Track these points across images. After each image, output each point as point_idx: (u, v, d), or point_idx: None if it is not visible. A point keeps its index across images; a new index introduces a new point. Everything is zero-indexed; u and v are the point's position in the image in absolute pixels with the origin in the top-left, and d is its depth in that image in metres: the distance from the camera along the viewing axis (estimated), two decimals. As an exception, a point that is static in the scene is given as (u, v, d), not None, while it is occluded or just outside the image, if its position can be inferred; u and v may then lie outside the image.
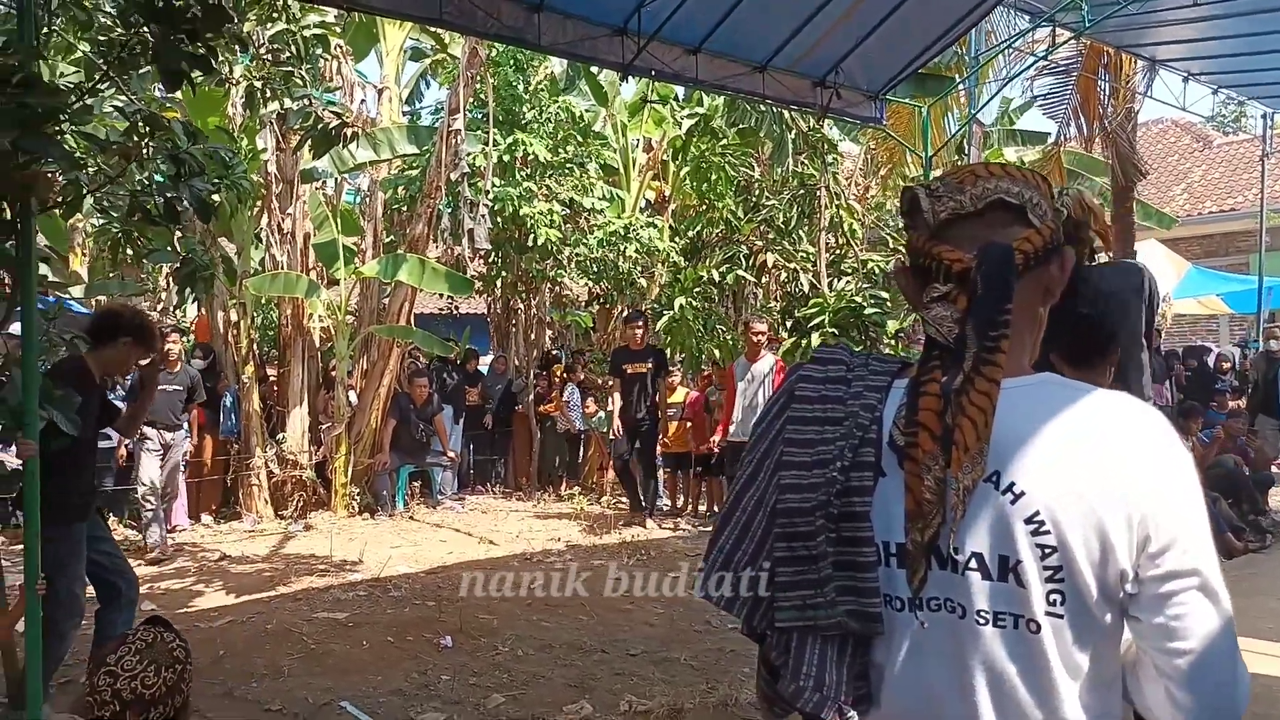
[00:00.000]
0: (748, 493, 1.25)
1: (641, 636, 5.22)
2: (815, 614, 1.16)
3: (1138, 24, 8.97)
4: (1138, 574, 1.06)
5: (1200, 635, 1.06)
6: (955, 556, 1.11)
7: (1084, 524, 1.06)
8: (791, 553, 1.18)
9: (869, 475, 1.16)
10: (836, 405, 1.21)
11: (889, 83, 7.98)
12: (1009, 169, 1.19)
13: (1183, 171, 22.32)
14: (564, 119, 11.51)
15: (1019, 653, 1.09)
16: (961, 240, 1.15)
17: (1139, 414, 1.10)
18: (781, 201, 11.84)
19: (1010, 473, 1.09)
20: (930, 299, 1.16)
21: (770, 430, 1.25)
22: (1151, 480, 1.06)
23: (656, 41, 6.63)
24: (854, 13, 6.84)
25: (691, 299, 11.12)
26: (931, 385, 1.13)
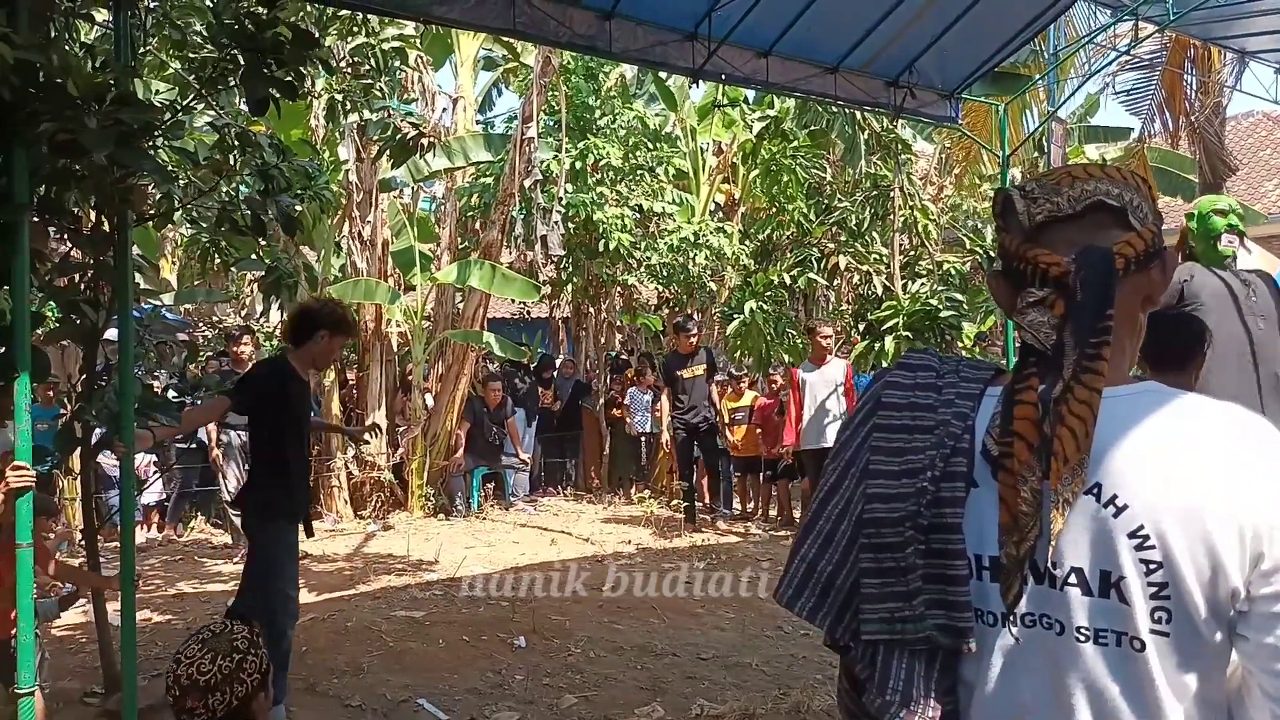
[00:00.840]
0: (831, 501, 1.22)
1: (712, 641, 5.22)
2: (904, 627, 1.13)
3: (1225, 15, 8.64)
4: (1249, 591, 1.01)
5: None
6: (1053, 571, 1.07)
7: (1191, 539, 1.01)
8: (879, 564, 1.15)
9: (961, 486, 1.12)
10: (926, 413, 1.18)
11: (964, 81, 7.84)
12: (1108, 170, 1.16)
13: (1276, 166, 21.42)
14: (635, 124, 11.60)
15: (1122, 671, 1.05)
16: (1058, 244, 1.12)
17: (1248, 423, 1.06)
18: (854, 203, 11.71)
19: (1112, 485, 1.05)
20: (1026, 304, 1.12)
21: (855, 438, 1.22)
22: (1264, 493, 1.01)
23: (727, 45, 6.62)
24: (928, 12, 6.74)
25: (762, 303, 11.08)
26: (1028, 393, 1.09)
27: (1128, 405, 1.09)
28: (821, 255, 11.81)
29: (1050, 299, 1.10)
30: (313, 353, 4.11)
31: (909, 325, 9.61)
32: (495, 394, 9.77)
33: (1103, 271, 1.07)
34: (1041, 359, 1.10)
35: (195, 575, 6.89)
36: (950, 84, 7.82)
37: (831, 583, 1.20)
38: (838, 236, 11.88)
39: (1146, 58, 11.18)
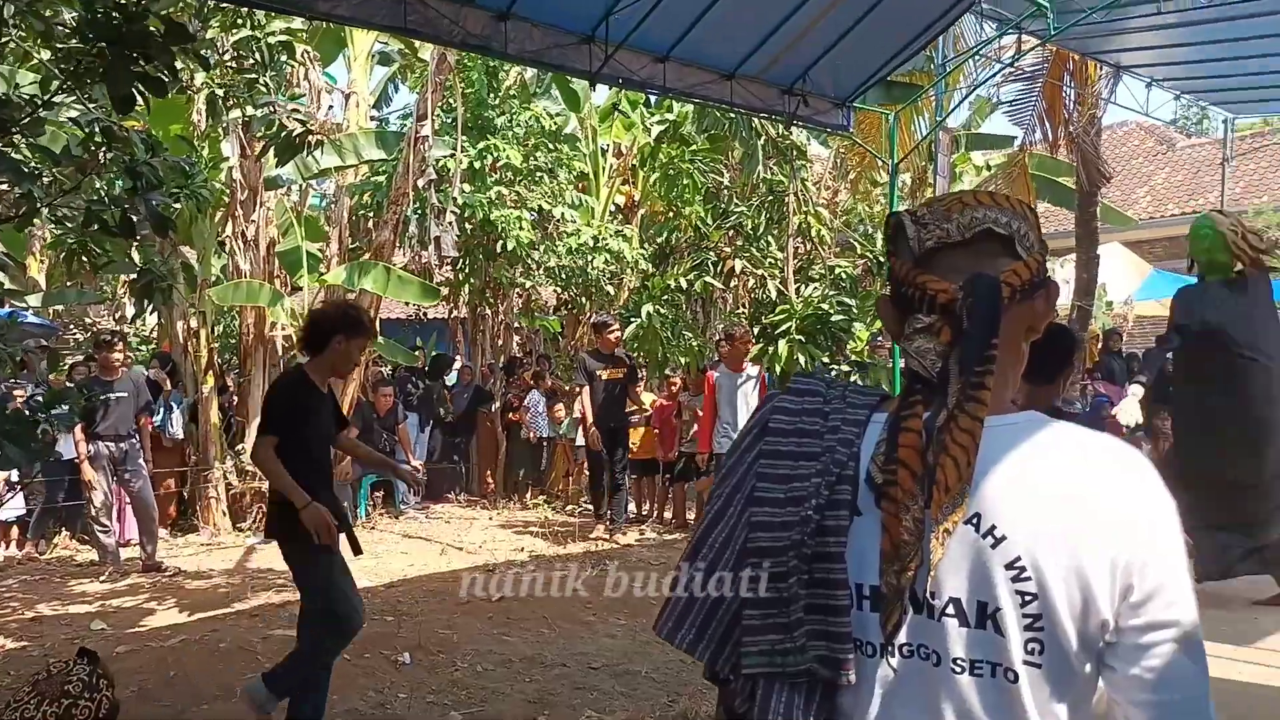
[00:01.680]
0: (715, 530, 1.19)
1: (603, 649, 5.17)
2: (785, 660, 1.10)
3: (1102, 31, 9.05)
4: (1117, 623, 1.03)
5: (1176, 687, 1.03)
6: (932, 601, 1.07)
7: (1066, 571, 1.02)
8: (760, 595, 1.13)
9: (845, 514, 1.11)
10: (813, 440, 1.15)
11: (856, 90, 8.01)
12: (997, 198, 1.16)
13: (1146, 174, 22.60)
14: (535, 125, 11.48)
15: (996, 703, 1.05)
16: (947, 270, 1.11)
17: (1123, 458, 1.07)
18: (750, 208, 11.85)
19: (991, 515, 1.05)
20: (913, 330, 1.11)
21: (742, 464, 1.19)
22: (1133, 526, 1.03)
23: (625, 49, 6.60)
24: (821, 21, 6.85)
25: (659, 306, 11.10)
26: (913, 421, 1.07)
27: (1009, 435, 1.08)
28: (718, 259, 11.92)
29: (937, 326, 1.09)
30: (331, 360, 3.91)
31: (802, 329, 9.75)
32: (386, 399, 9.52)
33: (989, 300, 1.06)
34: (927, 386, 1.09)
35: (57, 596, 6.48)
36: (843, 92, 7.97)
37: (714, 614, 1.17)
38: (734, 240, 12.00)
39: (1029, 70, 11.58)
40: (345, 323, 3.89)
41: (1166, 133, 23.60)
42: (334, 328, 3.87)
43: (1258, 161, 20.91)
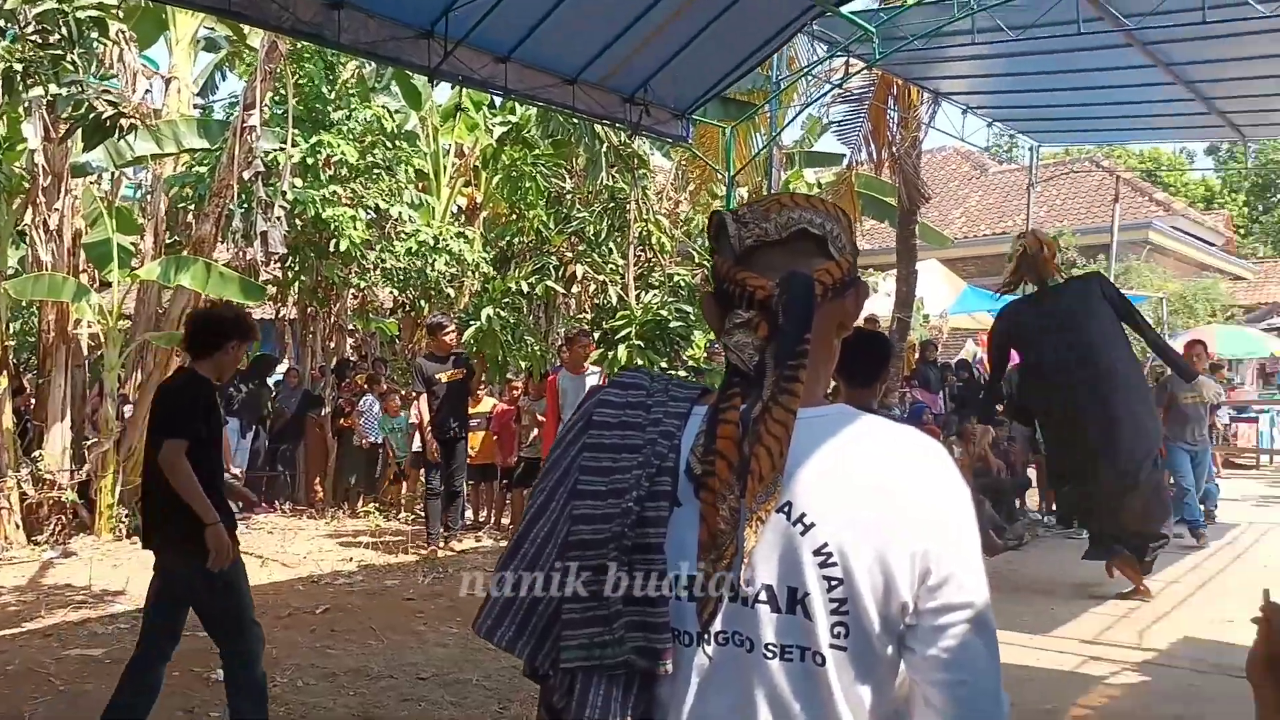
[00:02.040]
0: (538, 524, 1.18)
1: (433, 659, 5.06)
2: (603, 652, 1.10)
3: (923, 59, 9.64)
4: (916, 606, 1.08)
5: (969, 668, 1.08)
6: (745, 589, 1.08)
7: (869, 556, 1.06)
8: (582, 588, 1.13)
9: (665, 505, 1.12)
10: (635, 432, 1.16)
11: (695, 103, 8.19)
12: (813, 200, 1.20)
13: (961, 196, 24.21)
14: (373, 122, 11.15)
15: (804, 687, 1.08)
16: (765, 268, 1.14)
17: (924, 449, 1.13)
18: (592, 214, 11.91)
19: (801, 504, 1.09)
20: (733, 325, 1.13)
21: (565, 458, 1.19)
22: (932, 515, 1.08)
23: (465, 47, 6.50)
24: (661, 33, 6.97)
25: (500, 309, 10.99)
26: (731, 413, 1.08)
27: (819, 426, 1.12)
28: (560, 263, 11.92)
29: (755, 321, 1.11)
30: (220, 364, 3.74)
31: (641, 334, 9.88)
32: (206, 402, 8.98)
33: (804, 296, 1.09)
34: (745, 379, 1.10)
35: None
36: (682, 104, 8.14)
37: (534, 610, 1.16)
38: (576, 245, 12.03)
39: (857, 92, 12.17)
40: (239, 327, 3.81)
41: (980, 158, 25.37)
42: (228, 331, 3.75)
43: (1059, 187, 22.78)
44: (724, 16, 6.88)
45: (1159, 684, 4.75)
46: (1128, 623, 5.85)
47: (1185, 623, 5.79)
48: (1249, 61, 8.60)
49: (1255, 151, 22.84)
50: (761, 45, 7.75)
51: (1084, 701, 4.54)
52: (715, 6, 6.79)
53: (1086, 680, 4.84)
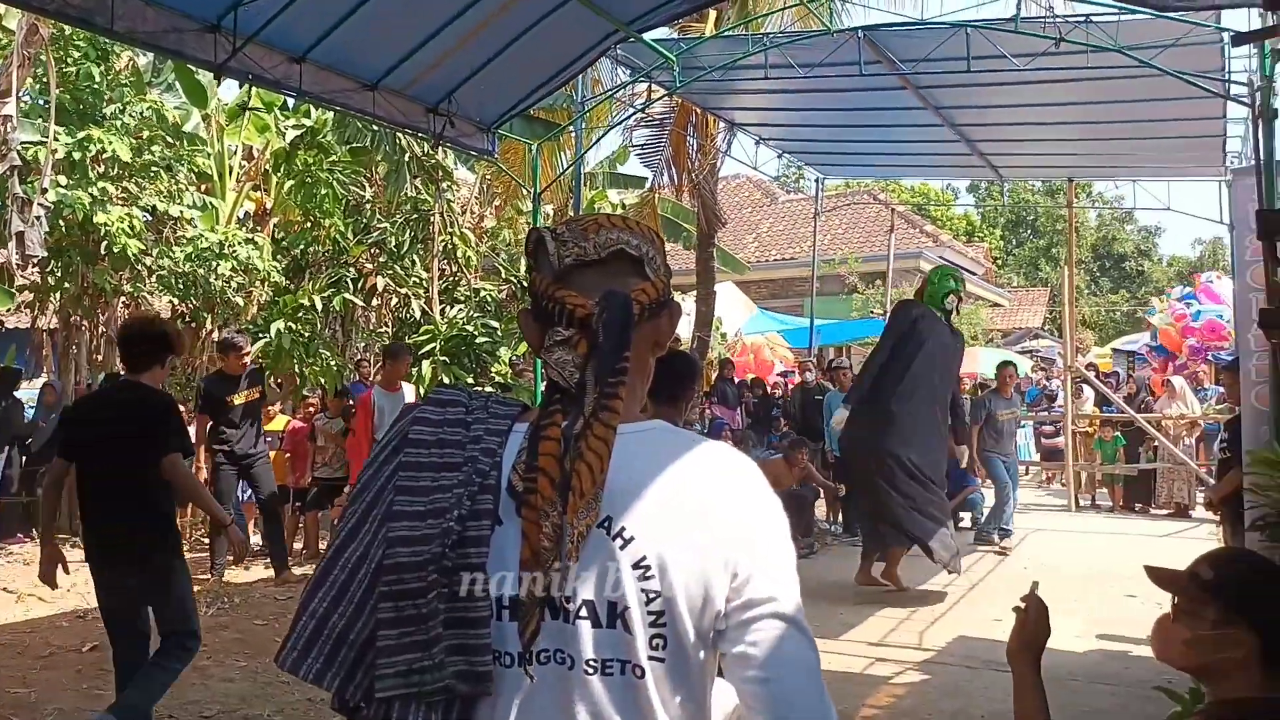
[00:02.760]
0: (348, 548, 1.13)
1: (218, 695, 4.72)
2: (422, 678, 1.07)
3: (720, 90, 10.04)
4: (727, 609, 1.10)
5: (778, 661, 1.09)
6: (567, 605, 1.08)
7: (685, 568, 1.08)
8: (399, 613, 1.08)
9: (487, 524, 1.10)
10: (455, 450, 1.14)
11: (500, 117, 8.14)
12: (629, 222, 1.22)
13: (754, 223, 25.39)
14: (151, 117, 10.34)
15: (625, 700, 1.08)
16: (584, 286, 1.15)
17: (735, 462, 1.16)
18: (394, 225, 11.57)
19: (621, 518, 1.09)
20: (553, 343, 1.14)
21: (378, 478, 1.15)
22: (744, 525, 1.11)
23: (257, 45, 6.14)
24: (467, 44, 6.88)
25: (292, 322, 10.44)
26: (552, 429, 1.09)
27: (637, 442, 1.14)
28: (359, 275, 11.49)
29: (575, 339, 1.13)
30: (160, 378, 3.95)
31: (446, 350, 9.69)
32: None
33: (622, 315, 1.12)
34: (566, 396, 1.12)
35: None
36: (488, 118, 8.07)
37: (344, 639, 1.11)
38: (377, 257, 11.64)
39: (659, 117, 12.52)
40: (177, 342, 4.08)
41: (771, 187, 26.70)
42: (169, 346, 3.95)
43: (841, 217, 24.31)
44: (530, 34, 6.89)
45: (937, 681, 5.12)
46: (909, 624, 6.28)
47: (959, 623, 6.28)
48: (1007, 109, 9.53)
49: (1009, 190, 25.27)
50: (566, 65, 7.82)
51: (871, 701, 4.82)
52: (521, 23, 6.78)
53: (873, 681, 5.15)
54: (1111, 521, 11.09)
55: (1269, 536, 4.25)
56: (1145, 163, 11.20)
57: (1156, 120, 9.02)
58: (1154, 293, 32.20)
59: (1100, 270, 39.98)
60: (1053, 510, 12.08)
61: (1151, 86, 7.58)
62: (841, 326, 17.50)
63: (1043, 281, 35.04)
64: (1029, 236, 39.90)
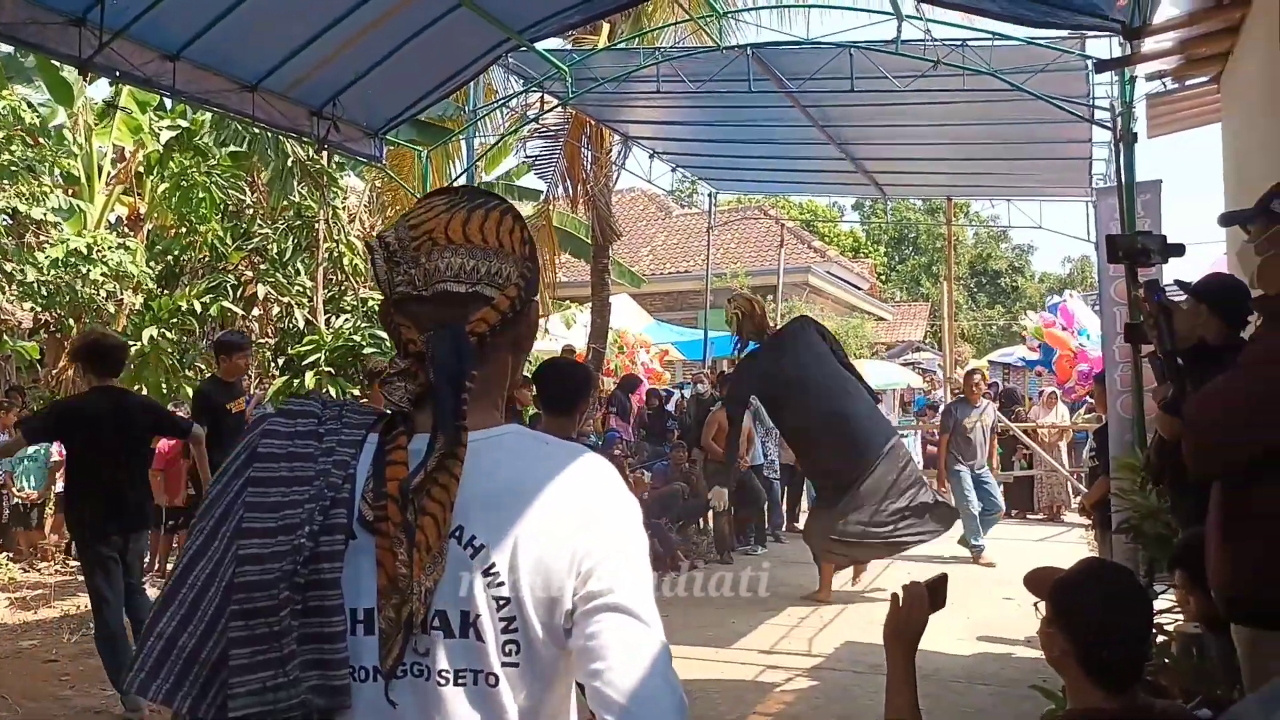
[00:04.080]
0: (197, 566, 1.09)
1: None
2: (276, 696, 1.04)
3: (614, 103, 10.06)
4: (574, 606, 1.09)
5: (620, 652, 1.06)
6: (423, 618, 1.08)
7: (533, 571, 1.07)
8: (250, 631, 1.05)
9: (340, 539, 1.08)
10: (307, 463, 1.11)
11: (388, 123, 7.95)
12: (471, 232, 1.14)
13: (649, 236, 25.58)
14: (8, 114, 9.72)
15: (480, 709, 1.07)
16: (418, 317, 1.13)
17: (587, 463, 1.15)
18: (276, 231, 11.16)
19: (472, 527, 1.08)
20: (392, 373, 1.12)
21: (226, 494, 1.11)
22: (591, 523, 1.10)
23: (127, 40, 5.83)
24: (354, 46, 6.69)
25: (166, 330, 9.95)
26: (398, 453, 1.09)
27: (486, 449, 1.12)
28: (239, 283, 11.04)
29: (413, 370, 1.12)
30: None
31: (331, 361, 9.38)
32: None
33: (454, 357, 1.09)
34: (407, 418, 1.12)
35: None
36: (375, 123, 7.87)
37: (195, 658, 1.07)
38: (258, 265, 11.21)
39: (553, 129, 12.48)
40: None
41: (665, 201, 26.96)
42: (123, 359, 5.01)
43: (733, 232, 24.70)
44: (420, 38, 6.75)
45: (825, 687, 5.20)
46: (799, 632, 6.37)
47: (846, 629, 6.41)
48: (889, 128, 9.84)
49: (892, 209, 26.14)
50: (457, 72, 7.70)
51: (762, 709, 4.86)
52: (410, 27, 6.64)
53: (764, 688, 5.20)
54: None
55: (1133, 539, 4.47)
56: (1019, 183, 11.72)
57: (1028, 142, 9.46)
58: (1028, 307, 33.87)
59: (977, 286, 41.79)
60: (935, 517, 12.46)
61: (1023, 110, 7.95)
62: (735, 339, 17.75)
63: (924, 296, 36.40)
64: (911, 253, 41.41)
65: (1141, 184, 5.65)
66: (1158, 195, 5.80)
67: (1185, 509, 3.56)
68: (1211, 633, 2.98)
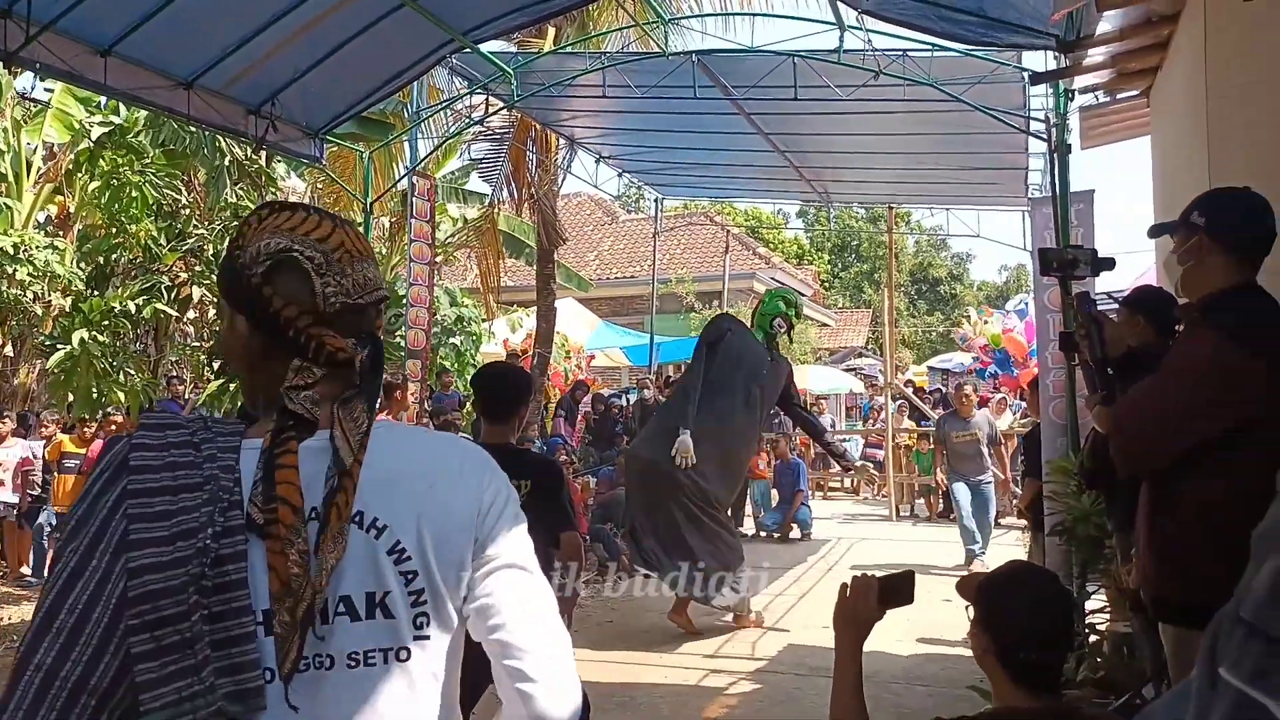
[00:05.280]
0: (74, 589, 1.04)
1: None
2: (195, 704, 1.02)
3: (560, 107, 10.03)
4: (473, 574, 1.18)
5: (515, 606, 1.18)
6: (324, 608, 1.10)
7: (437, 543, 1.15)
8: (158, 643, 1.02)
9: (242, 539, 1.09)
10: (191, 470, 1.11)
11: (329, 123, 7.83)
12: (365, 245, 1.24)
13: (595, 241, 25.57)
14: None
15: (391, 687, 1.12)
16: (344, 328, 1.19)
17: (468, 447, 1.28)
18: (212, 232, 10.90)
19: (372, 510, 1.13)
20: (301, 381, 1.16)
21: (96, 511, 1.07)
22: (480, 493, 1.20)
23: (55, 34, 5.66)
24: (293, 44, 6.56)
25: (98, 333, 9.65)
26: (288, 457, 1.11)
27: (375, 440, 1.17)
28: (173, 284, 10.76)
29: (328, 377, 1.18)
30: None
31: (268, 365, 9.18)
32: None
33: (379, 359, 1.22)
34: (301, 422, 1.14)
35: None
36: (315, 123, 7.74)
37: (82, 687, 1.01)
38: (193, 266, 10.94)
39: (499, 131, 12.40)
40: None
41: (611, 207, 26.97)
42: None
43: (679, 237, 24.80)
44: (362, 37, 6.65)
45: (768, 690, 5.22)
46: (743, 635, 6.38)
47: (789, 632, 6.44)
48: (831, 137, 9.96)
49: (835, 217, 26.48)
50: (400, 72, 7.62)
51: (707, 713, 4.86)
52: (352, 26, 6.55)
53: (709, 692, 5.20)
54: (929, 529, 11.73)
55: (1065, 541, 4.57)
56: (958, 192, 11.95)
57: (967, 152, 9.64)
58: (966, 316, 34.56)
59: (918, 293, 42.52)
60: (874, 520, 12.65)
61: (962, 120, 8.10)
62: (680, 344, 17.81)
63: (866, 303, 36.91)
64: (854, 261, 41.98)
65: (1075, 194, 5.80)
66: (1090, 205, 5.95)
67: (1118, 512, 3.66)
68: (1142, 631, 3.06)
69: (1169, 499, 2.43)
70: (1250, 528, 0.77)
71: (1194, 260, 2.40)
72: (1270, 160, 2.90)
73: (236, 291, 1.19)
